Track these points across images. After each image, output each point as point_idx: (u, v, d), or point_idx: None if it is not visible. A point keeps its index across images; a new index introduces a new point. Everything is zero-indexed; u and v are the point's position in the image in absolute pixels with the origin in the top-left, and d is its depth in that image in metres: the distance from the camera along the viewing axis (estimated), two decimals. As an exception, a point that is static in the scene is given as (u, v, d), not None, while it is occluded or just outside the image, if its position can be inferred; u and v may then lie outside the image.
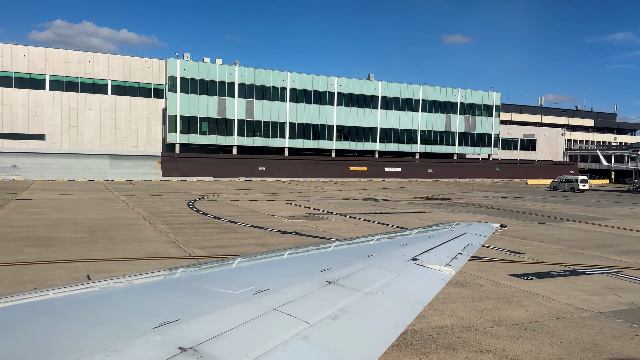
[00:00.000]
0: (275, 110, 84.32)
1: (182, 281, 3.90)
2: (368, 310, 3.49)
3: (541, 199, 49.56)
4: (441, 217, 31.38)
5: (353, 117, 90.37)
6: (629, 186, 74.33)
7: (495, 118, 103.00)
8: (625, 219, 32.50)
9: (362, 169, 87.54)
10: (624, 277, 15.23)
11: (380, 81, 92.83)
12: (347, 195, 49.89)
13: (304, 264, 4.76)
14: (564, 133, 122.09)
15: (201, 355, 2.30)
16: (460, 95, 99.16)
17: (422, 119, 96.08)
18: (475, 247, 6.05)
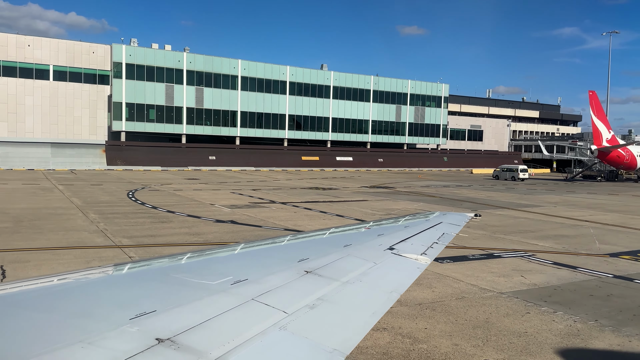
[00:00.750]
0: (226, 98, 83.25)
1: (159, 272, 3.84)
2: (345, 299, 3.52)
3: (481, 188, 51.46)
4: (381, 205, 32.13)
5: (305, 106, 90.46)
6: (566, 175, 78.18)
7: (444, 109, 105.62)
8: (554, 206, 34.28)
9: (314, 158, 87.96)
10: (535, 260, 16.20)
11: (332, 71, 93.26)
12: (296, 185, 50.12)
13: (282, 254, 4.77)
14: (510, 124, 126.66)
15: (178, 346, 2.28)
16: (410, 86, 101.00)
17: (373, 110, 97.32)
18: (450, 236, 6.16)
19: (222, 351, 2.34)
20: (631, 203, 38.25)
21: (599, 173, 73.46)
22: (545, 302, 11.44)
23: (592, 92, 65.78)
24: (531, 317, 10.36)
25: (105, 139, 79.03)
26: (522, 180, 65.79)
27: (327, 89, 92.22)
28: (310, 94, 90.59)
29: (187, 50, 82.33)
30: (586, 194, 47.08)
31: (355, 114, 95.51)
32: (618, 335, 9.45)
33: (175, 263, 4.24)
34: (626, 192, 49.84)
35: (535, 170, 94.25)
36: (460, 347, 8.64)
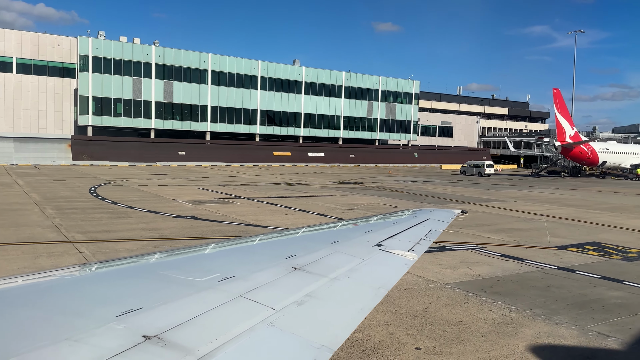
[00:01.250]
0: (196, 92, 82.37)
1: (146, 269, 3.79)
2: (333, 296, 3.53)
3: (447, 183, 52.35)
4: (345, 200, 32.40)
5: (277, 101, 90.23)
6: (531, 171, 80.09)
7: (415, 106, 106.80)
8: (514, 201, 35.14)
9: (286, 154, 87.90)
10: (484, 252, 16.66)
11: (304, 67, 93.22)
12: (265, 180, 50.05)
13: (270, 251, 4.80)
14: (479, 121, 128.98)
15: (166, 343, 2.26)
16: (381, 82, 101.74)
17: (345, 105, 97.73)
18: (437, 233, 6.23)
19: (210, 348, 2.33)
20: (589, 198, 39.50)
21: (563, 169, 75.53)
22: (485, 293, 11.81)
23: (556, 90, 67.52)
24: (469, 307, 10.69)
25: (72, 133, 77.31)
26: (489, 175, 67.11)
27: (299, 85, 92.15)
28: (282, 89, 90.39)
29: (156, 43, 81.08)
30: (548, 189, 48.39)
31: (327, 109, 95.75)
32: (548, 323, 9.84)
33: (163, 260, 4.21)
34: (586, 188, 51.42)
35: (502, 166, 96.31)
36: (395, 336, 8.88)
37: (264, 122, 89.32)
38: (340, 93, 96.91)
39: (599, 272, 14.30)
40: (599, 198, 39.33)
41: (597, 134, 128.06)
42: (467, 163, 71.90)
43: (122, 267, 3.88)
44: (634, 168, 71.13)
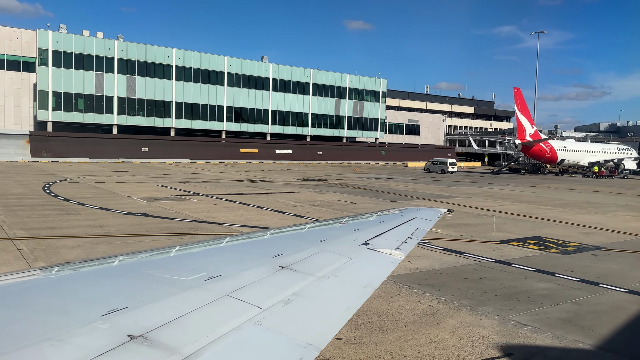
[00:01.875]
0: (160, 88, 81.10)
1: (131, 268, 3.74)
2: (320, 294, 3.52)
3: (410, 180, 53.11)
4: (305, 197, 32.53)
5: (244, 98, 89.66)
6: (493, 168, 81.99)
7: (382, 104, 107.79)
8: (470, 197, 35.96)
9: (253, 150, 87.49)
10: (428, 247, 17.04)
11: (272, 63, 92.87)
12: (228, 177, 49.74)
13: (257, 250, 4.76)
14: (445, 119, 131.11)
15: (151, 343, 2.24)
16: (349, 80, 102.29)
17: (313, 103, 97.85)
18: (424, 231, 6.28)
19: (196, 347, 2.31)
20: (543, 194, 40.75)
21: (524, 166, 77.58)
22: (419, 285, 12.12)
23: (516, 89, 69.26)
24: (399, 299, 10.97)
25: (31, 129, 75.06)
26: (451, 173, 68.38)
27: (266, 81, 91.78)
28: (249, 85, 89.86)
29: (120, 38, 79.43)
30: (506, 185, 49.68)
31: (295, 106, 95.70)
32: (472, 313, 10.19)
33: (148, 259, 4.16)
34: (543, 185, 52.98)
35: (466, 164, 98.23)
36: (319, 328, 9.04)
37: (230, 119, 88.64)
38: (308, 90, 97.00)
39: (534, 265, 14.84)
40: (552, 194, 40.61)
41: (559, 133, 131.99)
42: (430, 161, 73.03)
43: (107, 266, 3.82)
44: (591, 166, 73.65)
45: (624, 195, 41.51)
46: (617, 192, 45.57)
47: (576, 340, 8.91)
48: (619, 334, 9.33)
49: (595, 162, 73.87)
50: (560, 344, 8.77)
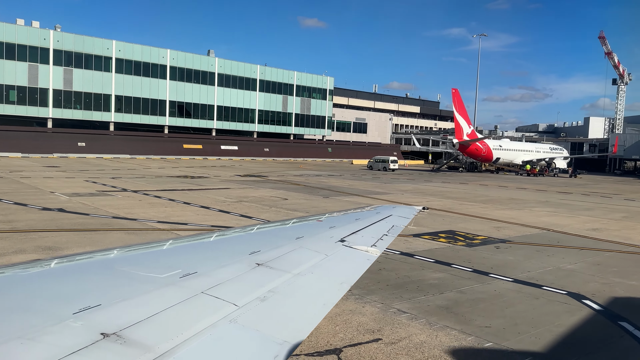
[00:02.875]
0: (99, 80, 78.32)
1: (104, 264, 3.65)
2: (297, 291, 3.50)
3: (351, 177, 53.92)
4: (239, 193, 32.46)
5: (188, 92, 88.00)
6: (433, 166, 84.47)
7: (329, 101, 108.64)
8: (402, 194, 36.95)
9: (197, 146, 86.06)
10: (341, 241, 17.47)
11: (217, 57, 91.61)
12: (166, 173, 48.80)
13: (233, 247, 4.68)
14: (392, 118, 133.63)
15: (125, 341, 2.20)
16: (296, 77, 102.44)
17: (260, 99, 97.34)
18: (399, 228, 6.32)
19: (171, 345, 2.28)
20: (472, 191, 42.43)
21: (462, 164, 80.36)
22: (317, 277, 12.45)
23: (454, 90, 71.66)
24: (292, 291, 11.24)
25: (-45, 121, 70.71)
26: (393, 170, 69.83)
27: (211, 76, 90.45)
28: (193, 80, 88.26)
29: (58, 28, 75.98)
30: (440, 183, 51.33)
31: (241, 102, 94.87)
32: (358, 302, 10.61)
33: (122, 255, 4.09)
34: (476, 182, 55.12)
35: (409, 162, 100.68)
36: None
37: (173, 114, 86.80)
38: (255, 86, 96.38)
39: (436, 256, 15.53)
40: (480, 191, 42.37)
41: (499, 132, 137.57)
42: (373, 158, 74.30)
43: (80, 262, 3.71)
44: (524, 164, 77.19)
45: (547, 192, 43.87)
46: (543, 189, 48.09)
47: (446, 326, 9.46)
48: (489, 320, 9.99)
49: (529, 160, 77.50)
50: (429, 329, 9.30)
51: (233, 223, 20.33)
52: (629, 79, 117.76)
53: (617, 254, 17.46)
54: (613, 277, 13.87)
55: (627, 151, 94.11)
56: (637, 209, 32.47)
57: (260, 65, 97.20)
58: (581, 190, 47.65)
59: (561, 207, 31.68)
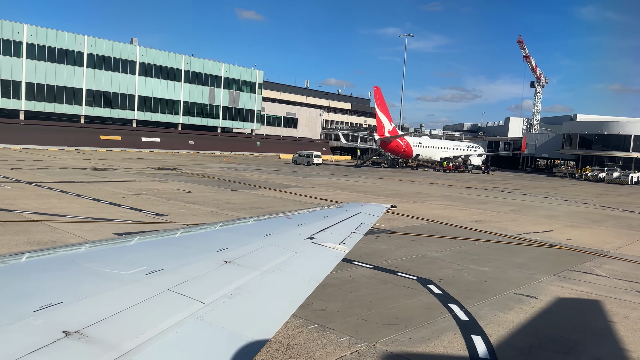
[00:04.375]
0: (7, 66, 73.16)
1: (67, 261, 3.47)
2: (265, 289, 3.48)
3: (271, 171, 53.90)
4: (143, 186, 31.56)
5: (107, 81, 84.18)
6: (357, 162, 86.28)
7: (259, 95, 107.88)
8: (314, 187, 37.44)
9: (115, 138, 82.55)
10: (223, 232, 17.47)
11: (139, 46, 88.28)
12: (73, 165, 46.51)
13: (201, 244, 4.61)
14: (322, 114, 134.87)
15: (88, 339, 2.14)
16: (224, 69, 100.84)
17: (185, 90, 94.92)
18: (368, 226, 6.25)
19: (136, 343, 2.23)
20: (384, 185, 43.77)
21: (384, 160, 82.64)
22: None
23: (376, 88, 73.45)
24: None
25: None
26: (317, 165, 70.56)
27: (132, 65, 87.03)
28: (112, 68, 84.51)
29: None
30: (358, 177, 52.51)
31: (165, 93, 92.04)
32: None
33: (85, 251, 3.97)
34: (392, 177, 56.86)
35: (336, 157, 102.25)
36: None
37: (91, 103, 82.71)
38: (180, 77, 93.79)
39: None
40: (392, 186, 43.79)
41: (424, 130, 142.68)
42: (298, 153, 74.69)
43: (40, 258, 3.56)
44: (442, 161, 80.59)
45: (454, 187, 46.07)
46: (452, 184, 50.45)
47: (282, 311, 9.72)
48: (326, 304, 10.37)
49: (446, 157, 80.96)
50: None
51: (118, 216, 19.76)
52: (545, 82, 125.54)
53: (486, 243, 18.69)
54: (469, 264, 14.85)
55: (538, 150, 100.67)
56: (528, 203, 34.87)
57: (185, 55, 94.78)
58: (486, 186, 50.46)
59: (458, 201, 33.42)
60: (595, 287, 13.04)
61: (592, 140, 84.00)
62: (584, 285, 13.25)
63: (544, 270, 14.66)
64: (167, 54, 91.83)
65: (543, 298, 11.82)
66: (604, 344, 9.07)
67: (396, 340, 8.60)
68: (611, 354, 8.61)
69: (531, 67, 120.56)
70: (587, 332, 9.66)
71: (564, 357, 8.34)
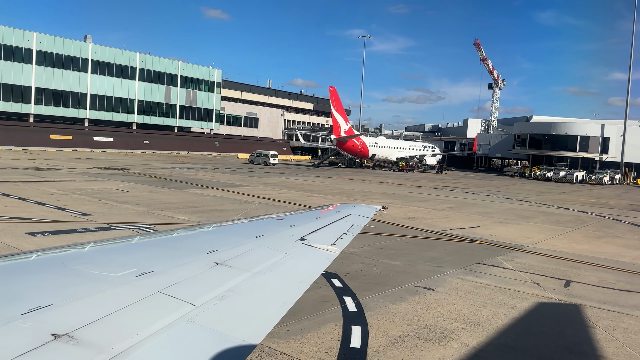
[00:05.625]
0: (-54, 62, 70.05)
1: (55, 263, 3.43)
2: (256, 290, 3.47)
3: (224, 171, 53.44)
4: (77, 186, 30.79)
5: (58, 79, 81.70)
6: (314, 161, 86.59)
7: (217, 94, 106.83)
8: (261, 186, 37.34)
9: (66, 137, 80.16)
10: (145, 232, 17.25)
11: (92, 43, 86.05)
12: (14, 164, 44.97)
13: (192, 245, 4.58)
14: (283, 114, 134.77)
15: (77, 342, 2.12)
16: (181, 68, 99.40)
17: (140, 89, 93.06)
18: (359, 227, 6.28)
19: (126, 345, 2.21)
20: (333, 184, 44.07)
21: (341, 160, 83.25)
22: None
23: (332, 88, 73.96)
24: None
25: None
26: (273, 164, 70.48)
27: (84, 62, 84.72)
28: (63, 66, 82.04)
29: None
30: (310, 177, 52.69)
31: (119, 92, 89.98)
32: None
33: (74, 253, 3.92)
34: (345, 176, 57.32)
35: (295, 157, 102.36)
36: None
37: (40, 101, 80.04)
38: (134, 75, 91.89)
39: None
40: (340, 185, 44.16)
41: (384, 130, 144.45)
42: (254, 152, 74.40)
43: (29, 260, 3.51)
44: (398, 161, 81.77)
45: (402, 186, 46.82)
46: (402, 183, 51.27)
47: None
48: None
49: (402, 157, 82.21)
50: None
51: (40, 215, 19.23)
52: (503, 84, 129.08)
53: (409, 239, 19.09)
54: (383, 259, 15.14)
55: (491, 150, 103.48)
56: (467, 201, 35.79)
57: (140, 53, 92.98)
58: (435, 185, 51.52)
59: (400, 199, 34.00)
60: (495, 280, 13.53)
61: (541, 140, 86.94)
62: (486, 277, 13.72)
63: (454, 264, 15.10)
64: (121, 51, 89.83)
65: (440, 290, 12.19)
66: (478, 332, 9.42)
67: (272, 333, 8.68)
68: (480, 342, 8.95)
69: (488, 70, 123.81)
70: (467, 321, 10.01)
71: (432, 345, 8.63)
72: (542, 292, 12.48)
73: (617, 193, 55.34)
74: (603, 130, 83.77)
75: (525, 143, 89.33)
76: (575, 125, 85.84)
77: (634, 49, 78.80)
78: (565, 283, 13.64)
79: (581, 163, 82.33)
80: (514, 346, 8.87)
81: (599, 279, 14.41)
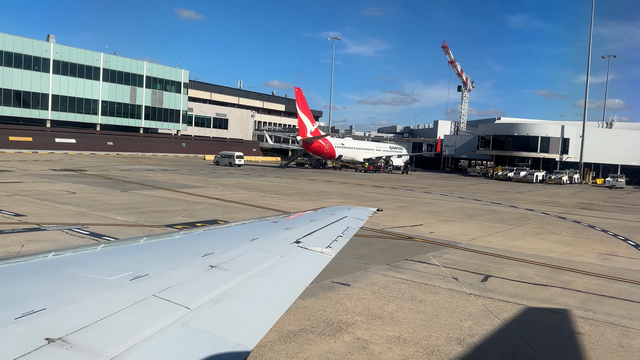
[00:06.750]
0: None
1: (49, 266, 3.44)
2: (251, 293, 3.46)
3: (185, 172, 52.91)
4: (24, 187, 30.10)
5: (18, 79, 79.64)
6: (281, 162, 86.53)
7: (184, 95, 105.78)
8: (216, 187, 37.15)
9: (26, 139, 78.22)
10: (74, 232, 16.99)
11: (54, 43, 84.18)
12: (-36, 166, 43.63)
13: (186, 248, 4.56)
14: (254, 115, 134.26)
15: (71, 346, 2.12)
16: (146, 68, 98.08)
17: (104, 89, 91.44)
18: (354, 230, 6.26)
19: (120, 350, 2.20)
20: (292, 185, 44.12)
21: (308, 161, 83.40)
22: None
23: (297, 89, 74.08)
24: None
25: None
26: (239, 165, 70.14)
27: (46, 62, 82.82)
28: (23, 66, 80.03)
29: None
30: (273, 177, 52.64)
31: (82, 92, 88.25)
32: None
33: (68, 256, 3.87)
34: (309, 177, 57.43)
35: (264, 158, 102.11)
36: None
37: (-1, 102, 77.93)
38: (98, 75, 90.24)
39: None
40: (300, 185, 44.25)
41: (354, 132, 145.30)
42: (220, 154, 73.92)
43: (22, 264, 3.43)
44: (365, 162, 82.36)
45: (362, 187, 47.22)
46: (363, 183, 51.69)
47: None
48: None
49: (368, 158, 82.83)
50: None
51: (-31, 216, 18.75)
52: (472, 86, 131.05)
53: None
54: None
55: (457, 151, 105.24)
56: (420, 200, 36.33)
57: (104, 53, 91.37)
58: (396, 185, 52.10)
59: (354, 199, 34.30)
60: (416, 275, 13.80)
61: (504, 141, 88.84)
62: (407, 273, 13.98)
63: (382, 260, 15.35)
64: (84, 51, 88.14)
65: (356, 285, 12.38)
66: (375, 326, 9.61)
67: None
68: (375, 335, 9.14)
69: (457, 72, 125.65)
70: (369, 315, 10.21)
71: (323, 339, 8.77)
72: (457, 287, 12.79)
73: (572, 192, 56.95)
74: (563, 131, 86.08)
75: (489, 144, 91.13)
76: (536, 127, 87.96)
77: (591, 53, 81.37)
78: (484, 278, 14.02)
79: (542, 163, 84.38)
80: (406, 338, 9.08)
81: (519, 273, 14.84)
